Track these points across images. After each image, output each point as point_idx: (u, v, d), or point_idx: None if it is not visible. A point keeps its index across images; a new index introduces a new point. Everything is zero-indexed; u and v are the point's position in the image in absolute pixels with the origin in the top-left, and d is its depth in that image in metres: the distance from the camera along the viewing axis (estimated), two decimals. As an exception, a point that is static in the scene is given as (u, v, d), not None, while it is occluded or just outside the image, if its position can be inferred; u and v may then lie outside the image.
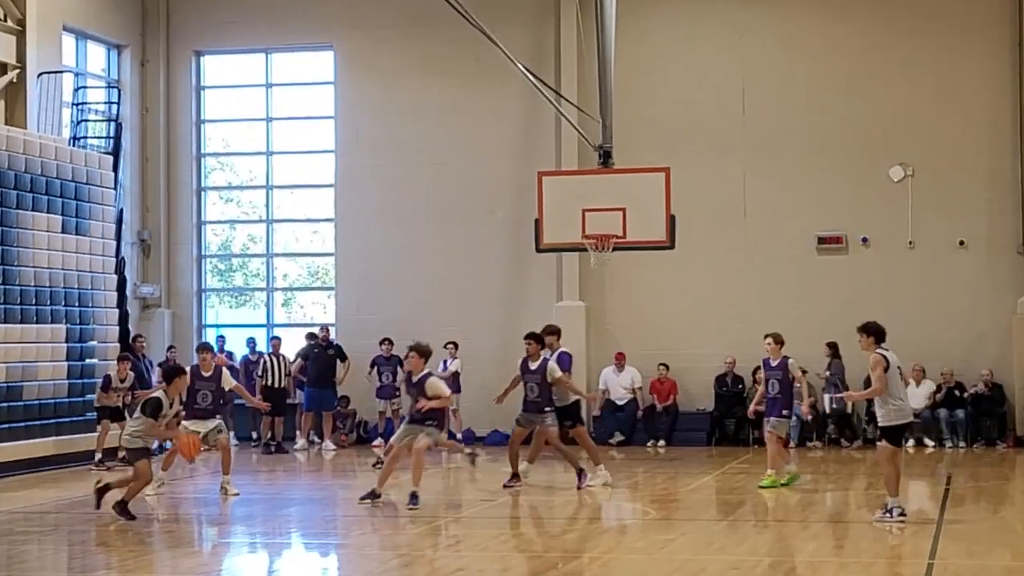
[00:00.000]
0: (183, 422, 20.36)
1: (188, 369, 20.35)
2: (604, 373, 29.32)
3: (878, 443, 17.50)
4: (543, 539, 17.23)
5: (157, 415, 18.08)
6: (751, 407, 21.94)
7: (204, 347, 22.03)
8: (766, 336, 21.31)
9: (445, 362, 28.62)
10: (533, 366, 20.67)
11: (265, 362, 28.50)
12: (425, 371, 19.02)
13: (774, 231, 29.21)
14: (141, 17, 31.79)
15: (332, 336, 29.98)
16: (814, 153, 29.13)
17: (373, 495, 18.92)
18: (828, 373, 27.46)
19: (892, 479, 17.14)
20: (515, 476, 20.89)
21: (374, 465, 24.11)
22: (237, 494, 20.16)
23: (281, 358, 28.69)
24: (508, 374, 21.74)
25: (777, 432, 20.87)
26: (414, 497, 18.55)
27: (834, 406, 25.45)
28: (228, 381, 21.11)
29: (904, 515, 16.97)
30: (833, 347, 27.43)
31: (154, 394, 18.47)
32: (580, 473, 20.93)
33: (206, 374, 20.83)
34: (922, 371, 27.93)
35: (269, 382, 28.08)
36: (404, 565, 14.78)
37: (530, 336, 20.99)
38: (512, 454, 21.01)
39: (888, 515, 16.99)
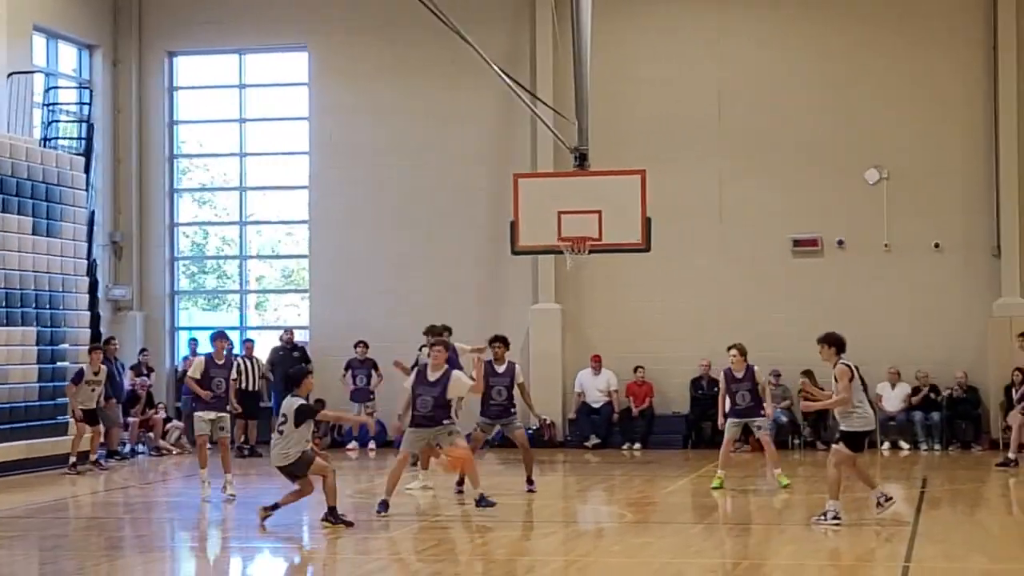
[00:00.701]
0: (196, 412, 20.68)
1: (204, 359, 20.94)
2: (580, 376, 29.32)
3: (834, 446, 17.77)
4: (520, 543, 17.18)
5: (314, 416, 17.84)
6: (720, 421, 22.17)
7: (220, 336, 21.82)
8: (730, 348, 21.56)
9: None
10: (500, 369, 20.69)
11: (239, 364, 28.38)
12: (444, 366, 18.86)
13: (750, 234, 29.26)
14: (113, 17, 31.67)
15: (298, 339, 29.99)
16: (790, 156, 29.20)
17: (384, 506, 18.43)
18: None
19: (836, 482, 17.40)
20: (461, 481, 20.63)
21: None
22: (233, 496, 20.10)
23: (255, 360, 28.64)
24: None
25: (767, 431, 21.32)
26: (483, 499, 18.63)
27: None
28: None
29: (839, 519, 17.15)
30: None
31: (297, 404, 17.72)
32: (461, 482, 20.74)
33: (219, 362, 20.96)
34: (897, 374, 28.07)
35: (243, 385, 28.00)
36: (379, 570, 14.75)
37: (498, 339, 21.03)
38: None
39: (824, 517, 17.26)
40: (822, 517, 17.29)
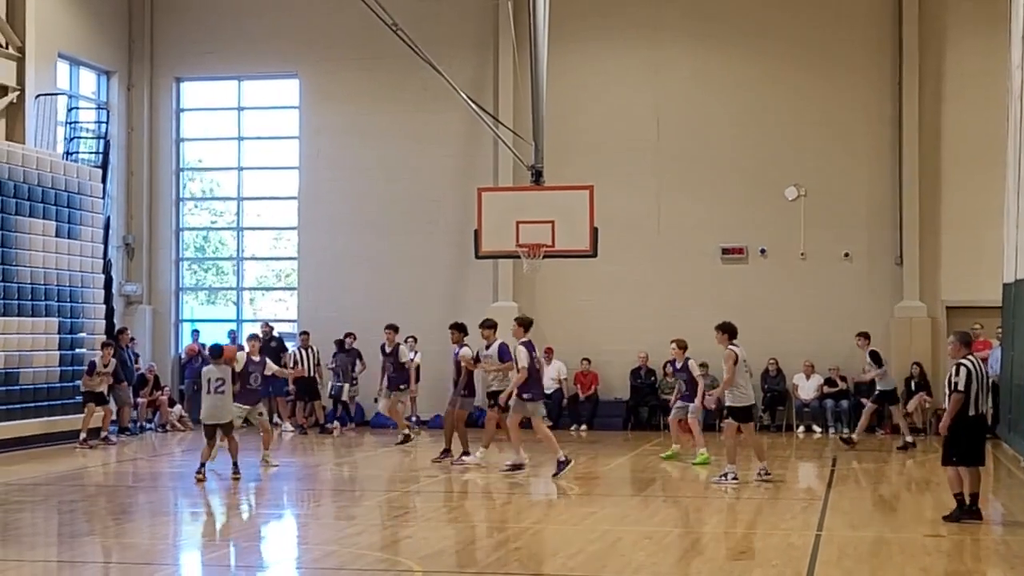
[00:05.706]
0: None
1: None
2: (534, 366, 29.24)
3: (725, 421, 19.26)
4: (481, 511, 17.22)
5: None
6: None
7: (252, 337, 22.00)
8: (673, 341, 21.81)
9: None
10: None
11: (296, 354, 28.37)
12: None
13: (683, 242, 29.34)
14: (128, 46, 31.56)
15: (284, 330, 30.29)
16: (719, 174, 29.30)
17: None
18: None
19: (732, 449, 18.84)
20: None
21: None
22: (276, 465, 20.89)
23: (311, 350, 28.52)
24: (451, 367, 21.86)
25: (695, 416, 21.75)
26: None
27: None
28: (270, 367, 21.28)
29: (736, 479, 18.56)
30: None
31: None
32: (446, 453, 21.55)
33: (255, 359, 20.79)
34: (811, 366, 28.17)
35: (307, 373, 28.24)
36: (357, 533, 14.74)
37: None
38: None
39: (724, 478, 18.64)
40: (722, 478, 18.63)
